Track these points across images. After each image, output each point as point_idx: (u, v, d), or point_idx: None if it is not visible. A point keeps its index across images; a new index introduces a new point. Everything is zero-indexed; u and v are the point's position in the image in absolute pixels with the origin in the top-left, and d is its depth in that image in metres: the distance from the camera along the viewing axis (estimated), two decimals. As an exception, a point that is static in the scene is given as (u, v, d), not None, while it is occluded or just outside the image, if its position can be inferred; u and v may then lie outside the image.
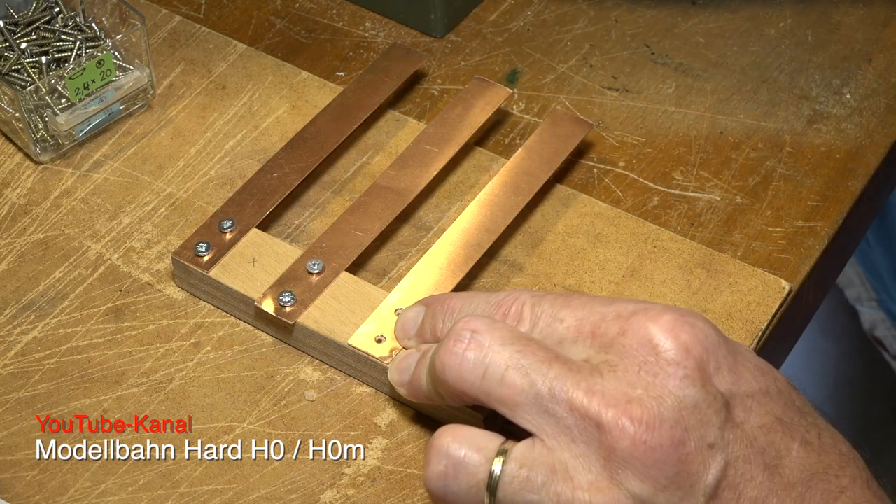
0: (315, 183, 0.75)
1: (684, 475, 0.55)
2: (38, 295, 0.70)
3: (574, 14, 0.84)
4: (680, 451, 0.55)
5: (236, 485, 0.63)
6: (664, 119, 0.79)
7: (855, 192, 0.76)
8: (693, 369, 0.56)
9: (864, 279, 1.43)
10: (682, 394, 0.55)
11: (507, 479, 0.56)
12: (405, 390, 0.64)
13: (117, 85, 0.76)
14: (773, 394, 0.58)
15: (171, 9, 0.84)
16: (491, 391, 0.57)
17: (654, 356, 0.56)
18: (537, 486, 0.56)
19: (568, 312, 0.59)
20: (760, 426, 0.57)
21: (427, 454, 0.57)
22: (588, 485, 0.55)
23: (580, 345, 0.58)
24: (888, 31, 0.83)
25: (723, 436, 0.55)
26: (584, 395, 0.55)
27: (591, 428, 0.55)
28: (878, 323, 1.43)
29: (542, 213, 0.73)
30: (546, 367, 0.56)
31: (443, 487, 0.57)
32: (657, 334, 0.56)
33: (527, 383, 0.56)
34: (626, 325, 0.57)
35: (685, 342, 0.56)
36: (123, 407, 0.66)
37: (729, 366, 0.57)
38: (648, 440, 0.54)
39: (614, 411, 0.55)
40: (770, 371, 0.59)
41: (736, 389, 0.57)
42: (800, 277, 0.72)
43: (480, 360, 0.57)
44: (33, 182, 0.75)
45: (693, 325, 0.57)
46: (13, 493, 0.63)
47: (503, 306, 0.60)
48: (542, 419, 0.56)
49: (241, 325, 0.69)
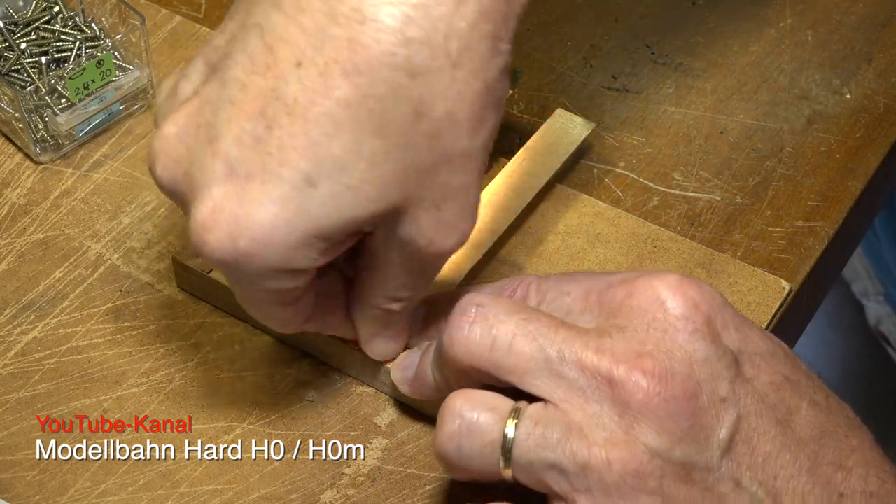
0: (315, 183, 0.75)
1: (698, 428, 0.54)
2: (38, 295, 0.70)
3: (574, 14, 0.84)
4: (693, 403, 0.54)
5: (236, 485, 0.63)
6: (664, 119, 0.79)
7: (855, 192, 0.76)
8: (702, 324, 0.56)
9: (872, 273, 1.43)
10: (691, 348, 0.55)
11: (522, 436, 0.56)
12: (409, 388, 0.63)
13: (117, 85, 0.76)
14: (779, 355, 0.58)
15: (171, 9, 0.84)
16: (500, 361, 0.57)
17: (663, 312, 0.56)
18: (552, 443, 0.55)
19: (574, 285, 0.59)
20: (770, 383, 0.56)
21: (439, 417, 0.57)
22: (604, 441, 0.54)
23: (588, 314, 0.58)
24: (888, 31, 0.83)
25: (734, 390, 0.55)
26: (593, 354, 0.55)
27: (603, 385, 0.55)
28: (884, 318, 1.43)
29: (542, 213, 0.73)
30: (553, 331, 0.56)
31: (456, 449, 0.57)
32: (664, 291, 0.56)
33: (535, 348, 0.56)
34: (633, 288, 0.57)
35: (693, 298, 0.56)
36: (123, 407, 0.66)
37: (736, 325, 0.57)
38: (662, 392, 0.54)
39: (625, 366, 0.55)
40: (774, 338, 0.59)
41: (744, 347, 0.57)
42: (800, 277, 0.72)
43: (487, 332, 0.57)
44: (33, 182, 0.75)
45: (700, 285, 0.57)
46: (13, 493, 0.63)
47: (507, 289, 0.61)
48: (553, 383, 0.56)
49: (241, 325, 0.69)
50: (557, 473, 0.55)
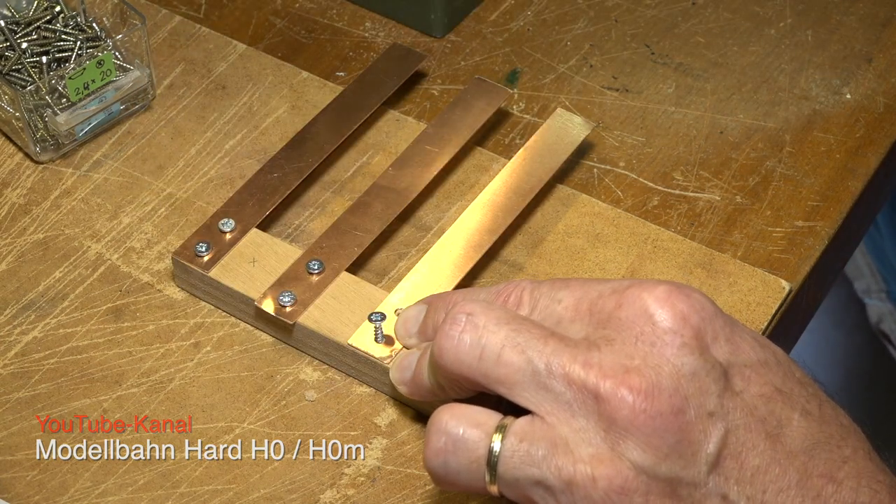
0: (315, 183, 0.75)
1: (685, 443, 0.54)
2: (38, 295, 0.70)
3: (574, 14, 0.84)
4: (680, 419, 0.54)
5: (236, 485, 0.63)
6: (664, 119, 0.79)
7: (855, 192, 0.76)
8: (690, 338, 0.55)
9: (875, 269, 1.42)
10: (679, 362, 0.55)
11: (507, 453, 0.56)
12: (407, 388, 0.63)
13: (117, 85, 0.76)
14: (771, 364, 0.57)
15: (171, 9, 0.84)
16: (489, 371, 0.57)
17: (651, 326, 0.56)
18: (538, 459, 0.55)
19: (566, 293, 0.59)
20: (760, 395, 0.56)
21: (426, 433, 0.57)
22: (589, 457, 0.54)
23: (578, 323, 0.58)
24: (888, 31, 0.83)
25: (722, 404, 0.55)
26: (581, 368, 0.55)
27: (589, 400, 0.55)
28: (886, 316, 1.42)
29: (542, 213, 0.73)
30: (542, 343, 0.56)
31: (443, 465, 0.57)
32: (652, 304, 0.56)
33: (523, 360, 0.56)
34: (622, 299, 0.57)
35: (682, 311, 0.56)
36: (123, 407, 0.66)
37: (726, 336, 0.57)
38: (648, 409, 0.54)
39: (612, 381, 0.54)
40: (768, 344, 0.58)
41: (734, 359, 0.56)
42: (800, 277, 0.72)
43: (476, 341, 0.57)
44: (33, 182, 0.75)
45: (689, 295, 0.56)
46: (13, 493, 0.63)
47: (503, 294, 0.60)
48: (540, 396, 0.56)
49: (241, 325, 0.69)
50: (543, 490, 0.55)
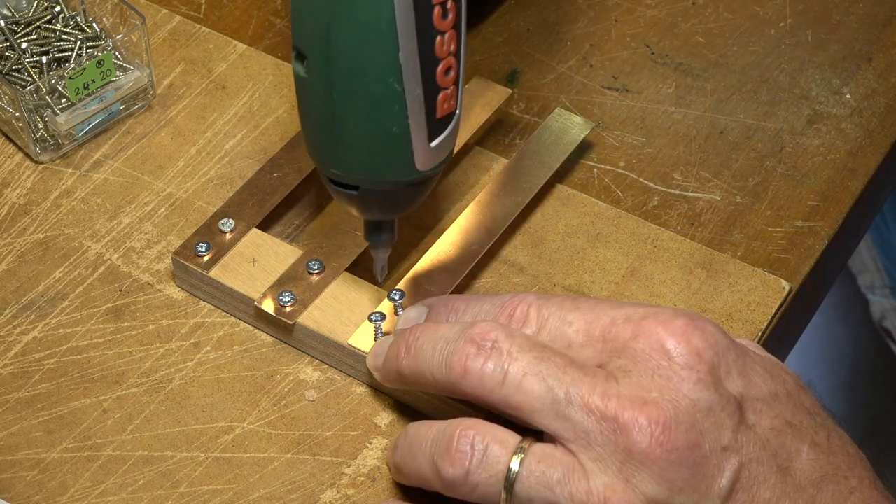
0: (315, 183, 0.75)
1: (699, 477, 0.55)
2: (38, 295, 0.70)
3: (574, 14, 0.84)
4: (696, 453, 0.55)
5: (236, 485, 0.63)
6: (664, 119, 0.79)
7: (855, 192, 0.76)
8: (706, 373, 0.57)
9: (881, 265, 1.42)
10: (696, 397, 0.56)
11: (525, 473, 0.57)
12: (380, 375, 0.64)
13: (117, 85, 0.76)
14: (781, 397, 0.58)
15: (171, 9, 0.84)
16: (509, 398, 0.58)
17: (667, 360, 0.57)
18: (553, 483, 0.56)
19: (577, 315, 0.59)
20: (771, 429, 0.57)
21: (448, 441, 0.58)
22: (603, 486, 0.55)
23: (590, 348, 0.58)
24: (888, 31, 0.83)
25: (736, 438, 0.56)
26: (600, 398, 0.56)
27: (607, 431, 0.56)
28: (889, 312, 1.42)
29: (542, 213, 0.73)
30: (562, 372, 0.57)
31: (464, 475, 0.57)
32: (669, 339, 0.57)
33: (544, 388, 0.57)
34: (638, 330, 0.58)
35: (697, 347, 0.57)
36: (123, 407, 0.66)
37: (739, 369, 0.58)
38: (665, 442, 0.55)
39: (631, 412, 0.55)
40: (779, 373, 0.59)
41: (746, 393, 0.58)
42: (800, 277, 0.72)
43: (500, 368, 0.58)
44: (33, 182, 0.75)
45: (703, 329, 0.58)
46: (13, 493, 0.63)
47: (508, 308, 0.61)
48: (559, 423, 0.57)
49: (241, 325, 0.69)
50: None
